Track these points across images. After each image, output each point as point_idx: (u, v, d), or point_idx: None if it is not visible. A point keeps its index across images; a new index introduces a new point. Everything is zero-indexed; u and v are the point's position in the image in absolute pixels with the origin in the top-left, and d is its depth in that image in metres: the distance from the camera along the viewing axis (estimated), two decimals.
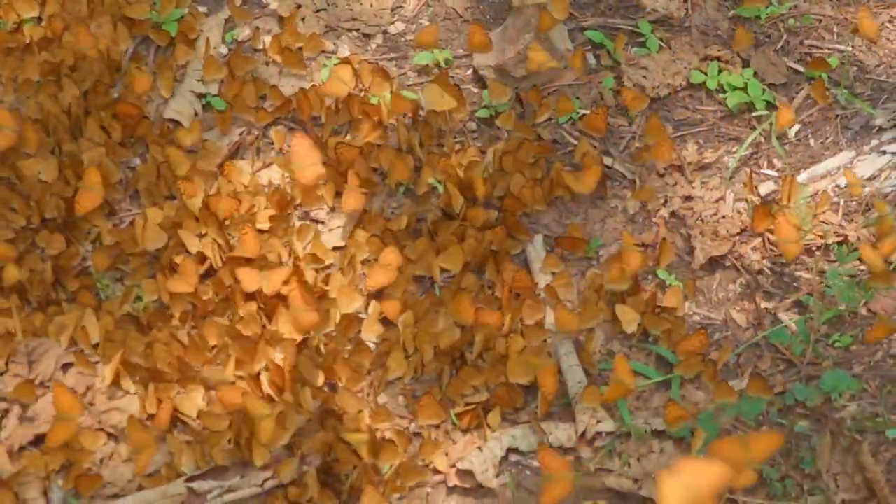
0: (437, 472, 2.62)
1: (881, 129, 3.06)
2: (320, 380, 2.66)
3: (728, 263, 2.90)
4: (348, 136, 3.04)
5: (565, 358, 2.72)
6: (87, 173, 2.81)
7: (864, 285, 2.79)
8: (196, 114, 3.09)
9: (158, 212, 2.86)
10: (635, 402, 2.69)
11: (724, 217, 2.94)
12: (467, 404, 2.67)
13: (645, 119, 3.09)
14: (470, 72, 3.20)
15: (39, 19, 3.18)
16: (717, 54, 3.18)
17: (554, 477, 2.39)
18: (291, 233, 2.86)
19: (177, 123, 3.06)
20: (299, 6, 3.28)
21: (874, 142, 3.05)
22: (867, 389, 2.70)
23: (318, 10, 3.28)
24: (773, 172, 3.02)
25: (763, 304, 2.83)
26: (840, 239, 2.89)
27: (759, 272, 2.88)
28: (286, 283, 2.72)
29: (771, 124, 3.08)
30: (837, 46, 3.22)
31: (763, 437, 2.09)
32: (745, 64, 3.17)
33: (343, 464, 2.57)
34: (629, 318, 2.76)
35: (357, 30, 3.27)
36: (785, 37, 3.23)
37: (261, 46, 3.20)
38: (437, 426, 2.65)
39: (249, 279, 2.71)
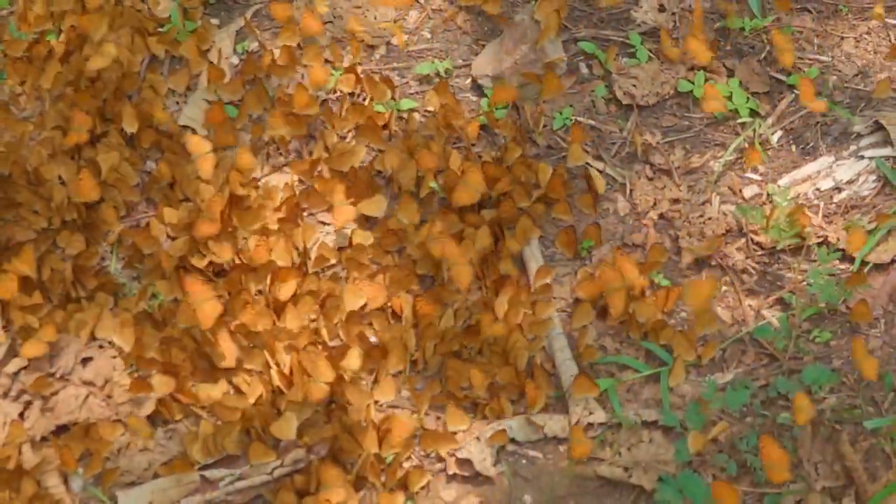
0: (438, 460, 2.62)
1: (859, 136, 3.06)
2: (326, 374, 2.66)
3: (714, 263, 2.90)
4: (353, 142, 3.04)
5: (559, 353, 2.72)
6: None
7: (842, 284, 2.79)
8: None
9: (173, 213, 2.87)
10: (626, 395, 2.69)
11: (710, 219, 2.94)
12: (466, 396, 2.68)
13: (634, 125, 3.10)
14: (469, 81, 3.20)
15: (59, 31, 3.18)
16: (704, 64, 3.18)
17: None
18: (298, 234, 2.86)
19: (191, 129, 3.07)
20: (313, 13, 3.28)
21: (853, 147, 3.05)
22: (846, 382, 2.70)
23: (325, 23, 3.29)
24: (756, 177, 3.02)
25: (747, 302, 2.83)
26: (820, 240, 2.89)
27: (744, 271, 2.88)
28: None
29: (754, 131, 3.08)
30: (818, 57, 3.22)
31: None
32: (730, 74, 3.18)
33: (348, 453, 2.57)
34: (617, 304, 2.75)
35: (361, 41, 3.27)
36: (768, 48, 3.23)
37: (272, 57, 3.19)
38: (438, 417, 2.66)
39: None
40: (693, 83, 3.14)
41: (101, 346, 2.72)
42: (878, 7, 3.21)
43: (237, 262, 2.81)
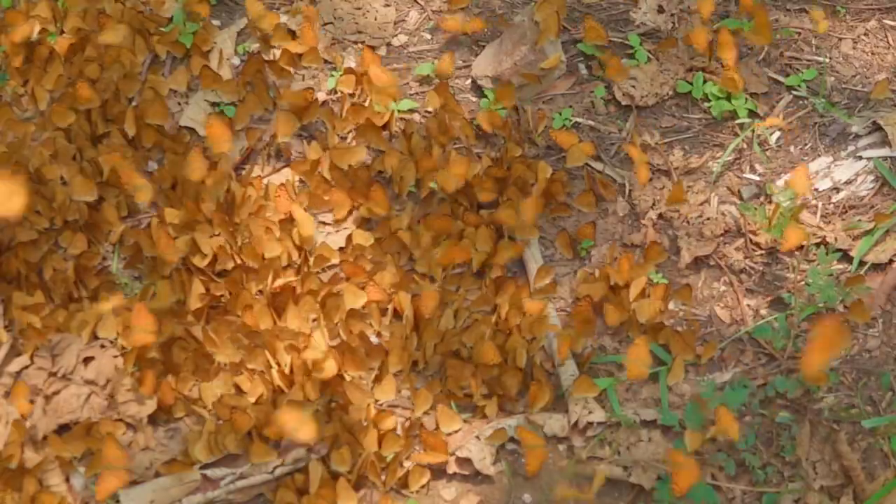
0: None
1: (857, 136, 3.07)
2: (327, 373, 2.66)
3: (712, 263, 2.90)
4: (353, 143, 3.04)
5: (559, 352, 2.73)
6: None
7: (841, 284, 2.80)
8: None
9: (174, 213, 2.87)
10: (625, 394, 2.70)
11: (708, 219, 2.94)
12: (466, 395, 2.68)
13: (632, 125, 3.10)
14: (469, 82, 3.20)
15: (62, 32, 3.18)
16: (702, 65, 3.18)
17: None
18: (298, 235, 2.86)
19: (191, 130, 3.07)
20: (310, 19, 3.28)
21: (850, 147, 3.06)
22: (844, 382, 2.70)
23: (325, 24, 3.29)
24: (755, 177, 3.03)
25: (746, 302, 2.84)
26: (819, 240, 2.89)
27: (742, 271, 2.88)
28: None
29: (753, 131, 3.08)
30: (816, 58, 3.22)
31: None
32: None
33: (349, 452, 2.57)
34: (614, 315, 2.76)
35: (362, 42, 3.27)
36: (766, 48, 3.23)
37: (271, 58, 3.19)
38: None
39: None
40: (692, 84, 3.15)
41: (102, 346, 2.72)
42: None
43: (237, 262, 2.82)
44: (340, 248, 2.89)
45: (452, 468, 2.61)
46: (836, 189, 2.99)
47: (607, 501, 2.58)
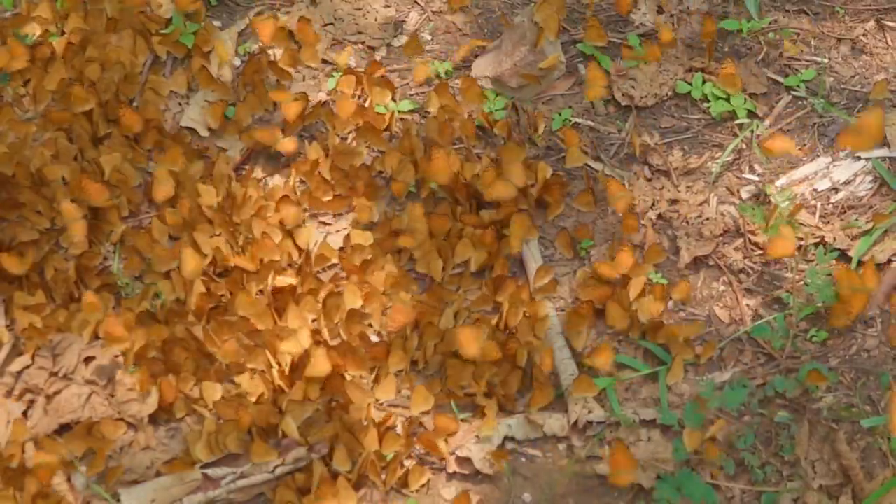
0: (438, 458, 2.62)
1: None
2: (327, 372, 2.66)
3: (712, 263, 2.90)
4: (353, 143, 3.04)
5: (558, 352, 2.73)
6: None
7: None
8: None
9: (175, 213, 2.87)
10: (624, 394, 2.70)
11: (707, 219, 2.94)
12: (466, 395, 2.68)
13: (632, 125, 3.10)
14: None
15: (62, 33, 3.18)
16: (702, 66, 3.18)
17: None
18: (299, 234, 2.86)
19: (192, 131, 3.07)
20: (307, 20, 3.28)
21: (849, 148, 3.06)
22: (843, 381, 2.70)
23: (325, 25, 3.29)
24: (753, 177, 3.03)
25: (745, 302, 2.84)
26: (817, 240, 2.89)
27: (741, 271, 2.88)
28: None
29: (752, 132, 3.08)
30: (815, 58, 3.22)
31: None
32: None
33: (349, 452, 2.57)
34: (617, 316, 2.76)
35: (362, 43, 3.28)
36: (765, 49, 3.24)
37: (272, 58, 3.20)
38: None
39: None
40: (691, 84, 3.15)
41: (103, 346, 2.72)
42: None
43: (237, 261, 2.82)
44: (340, 248, 2.89)
45: (452, 467, 2.61)
46: (835, 189, 3.00)
47: (607, 501, 2.59)
